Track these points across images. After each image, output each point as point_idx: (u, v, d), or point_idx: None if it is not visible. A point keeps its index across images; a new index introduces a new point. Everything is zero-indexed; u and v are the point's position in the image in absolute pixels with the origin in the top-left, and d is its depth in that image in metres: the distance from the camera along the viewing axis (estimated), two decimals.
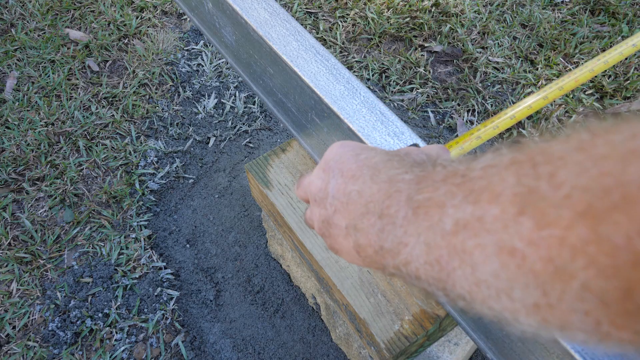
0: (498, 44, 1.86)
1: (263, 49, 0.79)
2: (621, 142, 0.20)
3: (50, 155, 1.53)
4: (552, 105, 1.66)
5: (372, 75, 1.78)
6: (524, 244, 0.22)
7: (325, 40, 1.88)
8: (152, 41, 1.87)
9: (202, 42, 1.90)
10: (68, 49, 1.84)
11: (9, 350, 1.18)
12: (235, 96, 1.72)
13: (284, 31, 0.76)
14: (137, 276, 1.29)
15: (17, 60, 1.80)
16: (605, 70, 1.74)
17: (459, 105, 1.70)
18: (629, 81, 1.70)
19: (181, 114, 1.67)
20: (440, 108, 1.70)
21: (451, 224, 0.26)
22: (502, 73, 1.77)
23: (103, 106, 1.67)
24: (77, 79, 1.74)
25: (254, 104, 1.71)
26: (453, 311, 0.70)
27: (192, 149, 1.59)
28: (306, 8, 2.00)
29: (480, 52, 1.84)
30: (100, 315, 1.23)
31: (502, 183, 0.24)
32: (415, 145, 0.50)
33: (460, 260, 0.25)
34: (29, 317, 1.23)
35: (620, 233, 0.19)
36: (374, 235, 0.33)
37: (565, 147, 0.22)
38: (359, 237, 0.34)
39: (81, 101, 1.67)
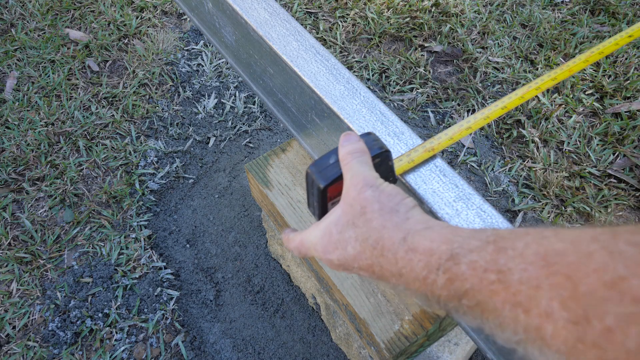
0: (498, 44, 1.86)
1: (263, 49, 0.79)
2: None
3: (50, 155, 1.53)
4: (552, 105, 1.66)
5: (372, 75, 1.78)
6: None
7: (325, 40, 1.88)
8: (152, 41, 1.87)
9: (202, 42, 1.90)
10: (68, 49, 1.84)
11: (9, 350, 1.18)
12: (235, 96, 1.72)
13: (284, 31, 0.76)
14: (137, 276, 1.29)
15: (17, 60, 1.80)
16: (605, 70, 1.74)
17: (459, 105, 1.70)
18: (629, 81, 1.70)
19: (181, 114, 1.67)
20: (440, 108, 1.70)
21: (511, 331, 0.29)
22: (502, 73, 1.77)
23: (103, 106, 1.67)
24: (77, 79, 1.74)
25: (254, 104, 1.71)
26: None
27: (192, 149, 1.59)
28: (306, 8, 2.00)
29: (480, 52, 1.84)
30: (100, 315, 1.23)
31: (550, 303, 0.27)
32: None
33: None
34: (29, 317, 1.23)
35: None
36: None
37: (601, 282, 0.25)
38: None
39: (81, 101, 1.67)
